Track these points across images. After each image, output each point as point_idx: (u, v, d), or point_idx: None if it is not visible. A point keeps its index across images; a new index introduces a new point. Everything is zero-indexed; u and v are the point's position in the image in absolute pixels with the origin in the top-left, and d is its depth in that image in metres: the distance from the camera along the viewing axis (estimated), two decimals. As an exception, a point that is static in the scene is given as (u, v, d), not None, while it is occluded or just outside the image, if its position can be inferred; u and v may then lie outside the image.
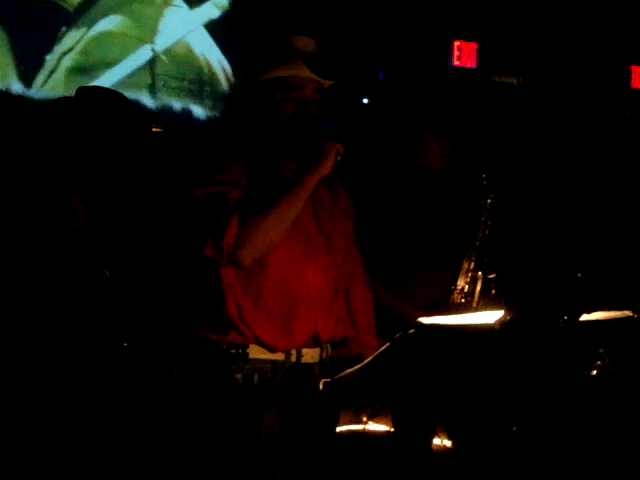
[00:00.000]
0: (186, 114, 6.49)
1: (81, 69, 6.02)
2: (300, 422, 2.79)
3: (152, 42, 6.26)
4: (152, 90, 6.27)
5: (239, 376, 2.73)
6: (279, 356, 2.77)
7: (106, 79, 5.98)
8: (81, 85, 3.24)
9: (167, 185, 3.55)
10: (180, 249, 2.90)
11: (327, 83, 2.85)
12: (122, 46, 6.18)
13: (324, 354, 2.87)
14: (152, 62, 6.32)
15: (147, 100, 6.50)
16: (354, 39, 6.35)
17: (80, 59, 6.02)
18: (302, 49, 2.82)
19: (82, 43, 6.05)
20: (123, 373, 3.67)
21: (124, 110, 2.99)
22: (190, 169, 2.80)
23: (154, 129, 3.91)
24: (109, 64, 6.08)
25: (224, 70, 6.56)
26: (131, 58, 6.20)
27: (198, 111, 6.67)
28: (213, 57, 6.56)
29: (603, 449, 2.96)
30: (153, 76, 6.24)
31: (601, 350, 2.81)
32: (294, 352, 2.80)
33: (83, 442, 2.92)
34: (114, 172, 2.91)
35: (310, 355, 2.83)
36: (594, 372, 2.80)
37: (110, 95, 3.10)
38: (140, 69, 6.29)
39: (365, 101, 6.74)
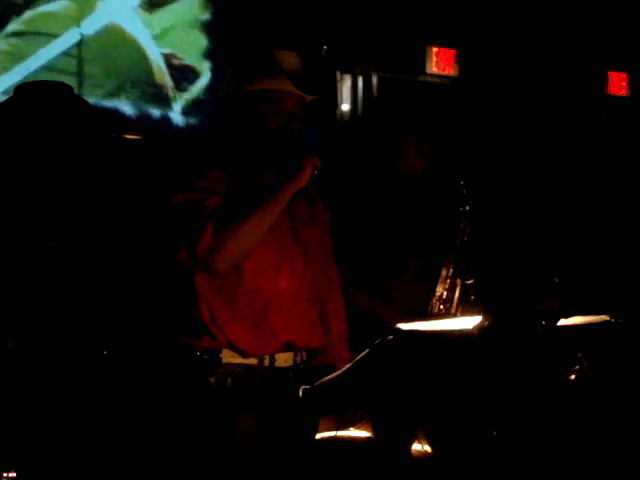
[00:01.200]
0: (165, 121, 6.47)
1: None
2: (274, 426, 2.79)
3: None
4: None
5: (212, 380, 2.75)
6: (252, 360, 2.79)
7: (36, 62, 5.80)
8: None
9: (144, 190, 3.55)
10: (155, 253, 2.90)
11: (309, 98, 2.90)
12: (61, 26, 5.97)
13: (298, 359, 2.88)
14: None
15: (126, 108, 6.48)
16: (334, 46, 6.36)
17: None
18: (285, 63, 2.88)
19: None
20: (100, 378, 3.66)
21: (71, 107, 2.88)
22: (168, 175, 2.82)
23: (131, 136, 3.89)
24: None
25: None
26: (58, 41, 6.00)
27: (177, 118, 6.65)
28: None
29: (583, 452, 2.97)
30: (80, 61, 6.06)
31: (579, 354, 2.83)
32: (267, 357, 2.81)
33: (56, 448, 2.91)
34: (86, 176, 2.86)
35: (284, 359, 2.84)
36: (572, 376, 2.82)
37: (54, 90, 2.99)
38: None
39: (345, 108, 6.75)
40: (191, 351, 2.74)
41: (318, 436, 2.94)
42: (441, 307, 3.70)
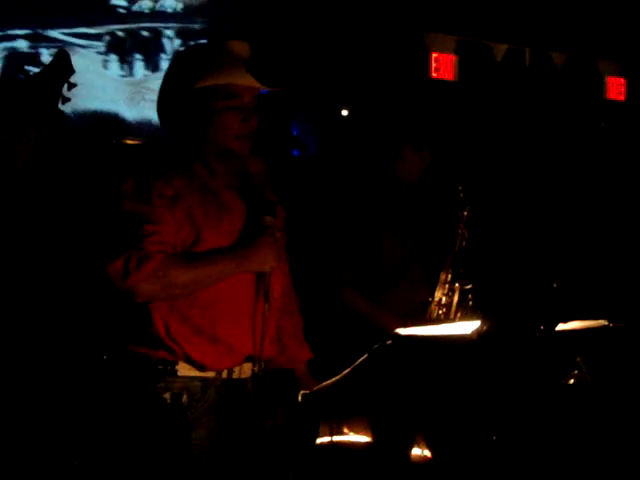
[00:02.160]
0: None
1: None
2: (232, 440, 2.64)
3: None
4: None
5: (167, 395, 2.58)
6: (209, 373, 2.61)
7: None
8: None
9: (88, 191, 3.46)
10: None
11: (265, 88, 2.68)
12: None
13: (256, 368, 2.68)
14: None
15: (126, 112, 6.49)
16: (332, 51, 6.36)
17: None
18: (239, 54, 2.66)
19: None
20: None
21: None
22: (127, 177, 2.64)
23: (131, 141, 3.85)
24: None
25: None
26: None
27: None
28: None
29: (581, 456, 2.97)
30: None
31: (578, 359, 2.83)
32: (225, 370, 2.64)
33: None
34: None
35: (242, 370, 2.67)
36: (571, 381, 2.81)
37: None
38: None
39: (344, 113, 6.76)
40: (145, 361, 2.59)
41: (318, 441, 2.94)
42: (440, 312, 3.70)
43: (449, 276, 3.69)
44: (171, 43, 6.85)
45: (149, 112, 6.36)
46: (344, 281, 3.58)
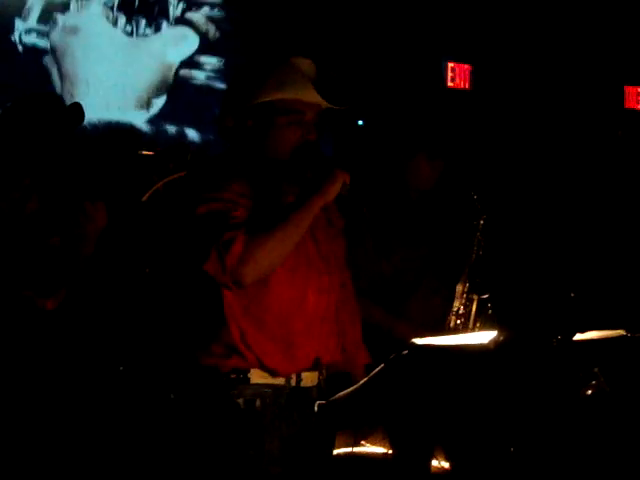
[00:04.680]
0: (181, 137, 6.51)
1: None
2: (300, 447, 2.76)
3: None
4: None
5: (240, 401, 2.67)
6: (280, 380, 2.72)
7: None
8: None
9: (160, 205, 3.54)
10: (179, 271, 2.86)
11: (331, 106, 2.78)
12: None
13: (321, 377, 2.83)
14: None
15: (142, 124, 6.53)
16: (349, 60, 6.37)
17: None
18: (305, 71, 2.75)
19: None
20: (119, 397, 3.66)
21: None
22: (190, 189, 2.75)
23: (146, 152, 3.89)
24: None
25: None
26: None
27: (193, 134, 6.69)
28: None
29: (600, 467, 2.95)
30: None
31: (595, 369, 2.81)
32: (294, 376, 2.76)
33: (76, 466, 2.91)
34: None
35: (310, 379, 2.79)
36: (589, 391, 2.80)
37: (47, 102, 3.01)
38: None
39: (360, 123, 6.76)
40: (216, 372, 2.69)
41: (335, 452, 2.93)
42: (458, 322, 3.69)
43: (467, 286, 3.68)
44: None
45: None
46: (359, 292, 3.58)
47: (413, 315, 3.64)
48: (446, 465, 3.28)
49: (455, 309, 3.69)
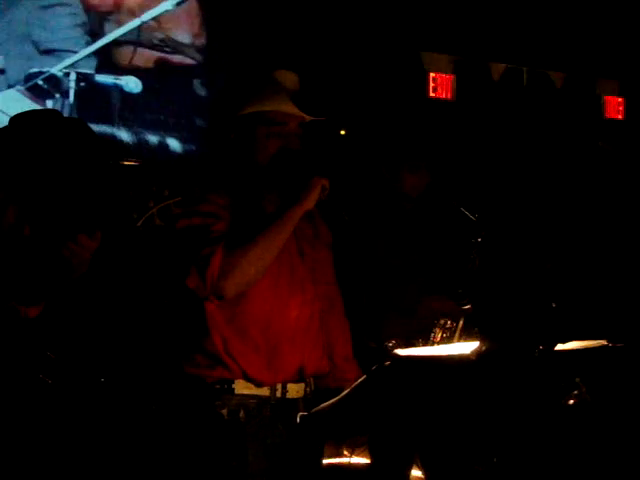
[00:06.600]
0: (162, 147, 6.49)
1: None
2: (285, 458, 2.76)
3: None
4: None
5: (225, 411, 2.70)
6: (264, 391, 2.75)
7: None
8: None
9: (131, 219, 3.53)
10: (162, 283, 2.88)
11: (308, 117, 2.85)
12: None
13: (308, 389, 2.86)
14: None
15: (123, 134, 6.50)
16: (331, 70, 6.38)
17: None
18: (286, 84, 2.82)
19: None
20: (101, 408, 3.64)
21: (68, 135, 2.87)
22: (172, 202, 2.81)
23: (128, 162, 3.89)
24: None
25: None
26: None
27: (174, 144, 6.67)
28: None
29: (582, 477, 2.96)
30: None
31: (577, 379, 2.82)
32: (279, 387, 2.78)
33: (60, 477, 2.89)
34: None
35: (295, 390, 2.82)
36: (571, 401, 2.81)
37: (48, 118, 2.98)
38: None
39: (342, 132, 6.76)
40: (200, 383, 2.69)
41: (318, 463, 2.93)
42: (444, 335, 3.69)
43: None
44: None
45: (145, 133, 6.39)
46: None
47: (399, 324, 3.64)
48: (426, 476, 3.27)
49: (442, 322, 3.69)
